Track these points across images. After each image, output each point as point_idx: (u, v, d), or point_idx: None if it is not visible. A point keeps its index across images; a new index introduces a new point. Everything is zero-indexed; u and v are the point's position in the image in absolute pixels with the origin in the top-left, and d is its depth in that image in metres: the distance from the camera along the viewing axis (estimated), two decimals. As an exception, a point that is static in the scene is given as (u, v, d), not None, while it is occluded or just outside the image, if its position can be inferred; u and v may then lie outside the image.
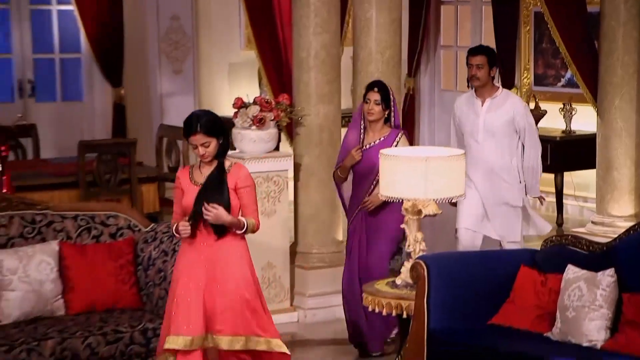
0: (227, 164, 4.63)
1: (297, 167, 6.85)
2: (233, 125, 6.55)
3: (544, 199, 6.49)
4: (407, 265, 5.29)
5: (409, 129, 10.47)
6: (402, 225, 5.43)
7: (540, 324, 4.80)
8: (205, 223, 4.55)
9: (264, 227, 6.32)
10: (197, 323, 4.52)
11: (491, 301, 4.98)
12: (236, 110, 6.61)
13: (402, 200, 5.30)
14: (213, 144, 4.56)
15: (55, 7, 10.03)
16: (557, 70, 9.97)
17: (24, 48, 9.91)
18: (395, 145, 5.57)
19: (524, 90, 10.21)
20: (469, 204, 6.24)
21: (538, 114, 9.74)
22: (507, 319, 4.90)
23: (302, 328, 6.67)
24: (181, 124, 8.94)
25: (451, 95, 11.01)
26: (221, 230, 4.57)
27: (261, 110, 6.51)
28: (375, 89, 5.64)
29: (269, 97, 6.95)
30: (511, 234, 6.31)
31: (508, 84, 10.22)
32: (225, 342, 4.54)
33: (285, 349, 4.67)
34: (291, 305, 6.78)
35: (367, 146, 5.68)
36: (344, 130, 7.60)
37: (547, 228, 6.48)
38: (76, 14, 9.81)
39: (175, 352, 4.53)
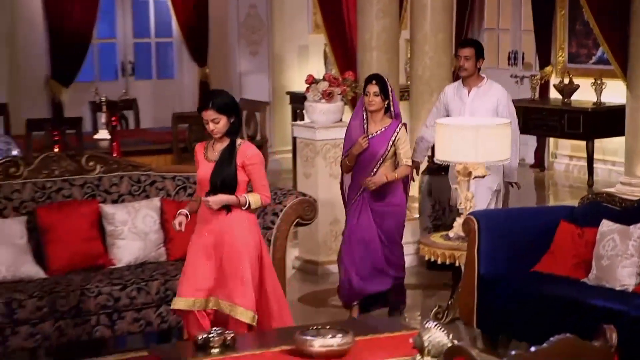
0: (238, 142, 4.31)
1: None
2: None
3: (519, 185, 6.14)
4: (459, 220, 5.28)
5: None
6: (454, 186, 5.41)
7: (577, 271, 4.75)
8: None
9: (332, 187, 6.36)
10: (201, 287, 4.26)
11: (533, 252, 4.93)
12: (308, 85, 6.61)
13: (404, 183, 5.36)
14: (223, 121, 4.24)
15: (152, -3, 10.15)
16: (589, 49, 9.78)
17: (126, 34, 10.01)
18: (396, 136, 5.34)
19: (559, 67, 10.05)
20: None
21: (571, 88, 9.58)
22: (548, 267, 4.86)
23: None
24: (258, 99, 9.13)
25: (492, 72, 10.86)
26: (228, 208, 4.30)
27: (330, 86, 6.51)
28: (374, 82, 5.36)
29: (336, 74, 6.94)
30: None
31: (544, 61, 10.07)
32: (226, 307, 4.25)
33: (250, 320, 4.25)
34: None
35: (371, 136, 5.39)
36: (405, 104, 7.59)
37: None
38: (169, 3, 9.88)
39: (182, 312, 4.31)
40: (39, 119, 7.54)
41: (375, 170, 5.35)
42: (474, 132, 5.04)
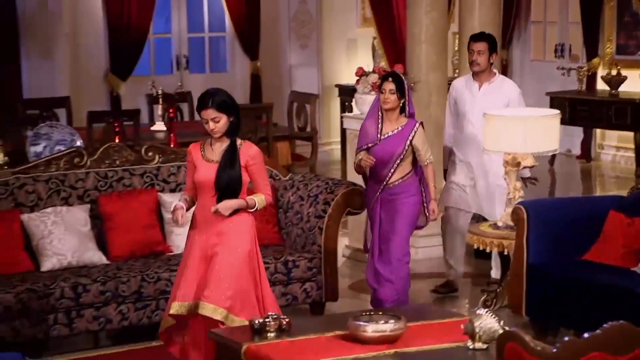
0: (238, 142, 4.16)
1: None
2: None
3: (537, 179, 5.82)
4: (508, 210, 5.27)
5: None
6: (503, 176, 5.39)
7: (627, 260, 4.70)
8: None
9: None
10: (190, 291, 4.10)
11: (582, 241, 4.90)
12: (358, 78, 6.63)
13: (419, 183, 5.10)
14: (223, 120, 4.07)
15: (206, -6, 10.24)
16: (638, 41, 9.63)
17: (181, 29, 10.12)
18: (413, 136, 5.06)
19: (606, 59, 9.91)
20: (458, 184, 5.79)
21: (619, 79, 9.44)
22: (597, 256, 4.82)
23: (413, 264, 6.67)
24: (307, 91, 9.19)
25: (540, 64, 10.77)
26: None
27: (379, 78, 6.52)
28: (390, 79, 5.06)
29: (385, 66, 6.94)
30: (497, 214, 5.67)
31: (592, 53, 9.94)
32: (208, 310, 4.05)
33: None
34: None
35: (386, 135, 5.08)
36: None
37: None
38: (222, -1, 10.00)
39: (176, 317, 4.16)
40: (99, 111, 7.69)
41: (392, 170, 5.07)
42: (522, 123, 5.03)
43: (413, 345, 3.69)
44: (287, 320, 3.90)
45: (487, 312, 3.64)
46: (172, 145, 6.60)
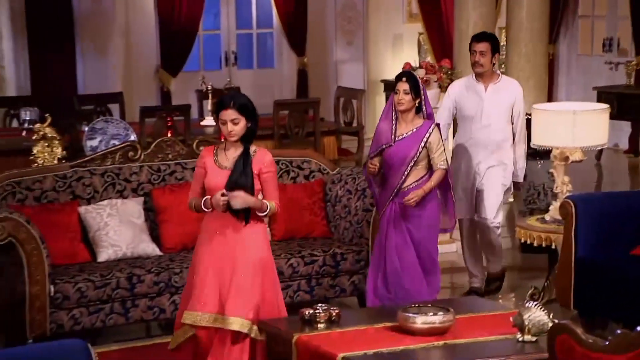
0: (252, 149, 4.00)
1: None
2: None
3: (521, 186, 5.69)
4: (556, 204, 5.23)
5: (549, 90, 10.18)
6: (551, 170, 5.33)
7: (678, 255, 4.64)
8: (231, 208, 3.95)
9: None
10: (211, 302, 3.94)
11: (631, 235, 4.83)
12: (405, 73, 6.61)
13: (440, 189, 4.74)
14: (242, 123, 3.92)
15: (254, -9, 10.31)
16: (688, 35, 9.44)
17: (230, 25, 10.20)
18: (428, 137, 4.73)
19: (655, 54, 9.74)
20: (464, 193, 5.51)
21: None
22: (646, 250, 4.76)
23: (460, 257, 6.66)
24: (353, 86, 9.18)
25: (587, 59, 10.62)
26: (247, 215, 3.97)
27: (426, 73, 6.51)
28: (404, 79, 4.74)
29: (432, 62, 6.93)
30: (498, 216, 5.52)
31: (640, 48, 9.78)
32: (236, 324, 3.91)
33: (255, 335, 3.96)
34: (450, 237, 6.78)
35: (400, 137, 4.77)
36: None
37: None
38: (270, -4, 10.04)
39: (194, 327, 3.99)
40: (151, 107, 7.78)
41: (406, 174, 4.75)
42: (571, 117, 4.98)
43: (462, 337, 3.68)
44: (337, 311, 3.92)
45: (536, 305, 3.62)
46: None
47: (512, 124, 5.52)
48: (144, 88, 9.43)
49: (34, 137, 5.69)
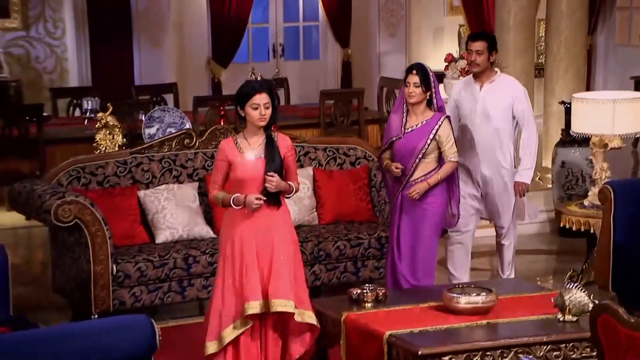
0: (273, 133, 3.93)
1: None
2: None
3: (526, 191, 5.05)
4: (594, 189, 5.18)
5: (587, 80, 10.04)
6: (589, 157, 5.28)
7: None
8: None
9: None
10: (257, 289, 3.81)
11: (669, 220, 4.77)
12: (447, 64, 6.59)
13: (445, 183, 4.52)
14: (271, 108, 3.83)
15: (301, -14, 10.34)
16: None
17: (277, 18, 10.24)
18: (437, 130, 4.55)
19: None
20: (466, 193, 5.03)
21: None
22: (684, 235, 4.69)
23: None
24: (396, 77, 9.16)
25: (624, 49, 10.44)
26: (277, 199, 3.88)
27: (467, 64, 6.45)
28: (414, 72, 4.55)
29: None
30: (505, 220, 5.09)
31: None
32: (279, 305, 3.79)
33: (315, 321, 3.86)
34: (490, 222, 6.73)
35: (410, 129, 4.60)
36: (537, 80, 7.42)
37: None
38: (316, -10, 10.06)
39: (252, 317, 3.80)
40: (204, 97, 7.87)
41: (414, 166, 4.58)
42: (610, 105, 4.93)
43: (504, 317, 3.68)
44: (383, 291, 3.94)
45: (576, 286, 3.60)
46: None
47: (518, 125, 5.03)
48: (196, 79, 9.53)
49: (96, 126, 5.79)
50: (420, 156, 4.57)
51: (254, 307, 3.78)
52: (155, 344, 2.96)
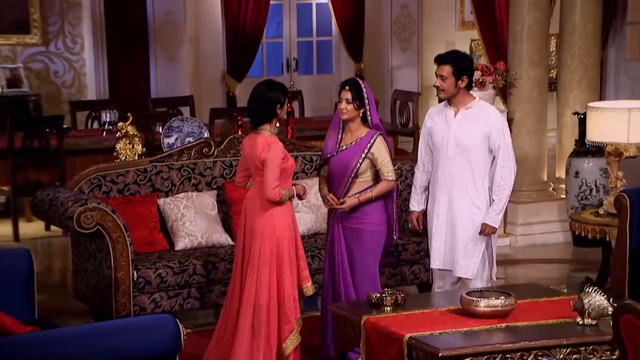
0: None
1: (509, 121, 6.75)
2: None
3: (491, 234, 4.42)
4: (610, 198, 5.18)
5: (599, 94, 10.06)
6: (604, 166, 5.27)
7: None
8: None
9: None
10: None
11: (684, 228, 4.76)
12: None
13: (383, 202, 4.31)
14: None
15: (314, 1, 10.37)
16: None
17: (291, 33, 10.30)
18: (370, 147, 4.32)
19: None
20: (437, 241, 4.49)
21: None
22: (700, 242, 4.68)
23: (513, 250, 6.65)
24: (408, 90, 9.19)
25: (636, 64, 10.44)
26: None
27: (482, 75, 6.49)
28: (347, 87, 4.32)
29: (486, 63, 6.90)
30: (472, 270, 4.41)
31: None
32: (310, 289, 4.33)
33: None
34: (504, 232, 6.75)
35: (344, 147, 4.37)
36: (549, 94, 7.44)
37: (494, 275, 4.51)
38: (330, 6, 10.09)
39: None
40: (220, 108, 7.92)
41: (348, 185, 4.36)
42: (626, 114, 4.93)
43: (523, 320, 3.68)
44: (402, 295, 3.94)
45: (595, 289, 3.60)
46: (289, 136, 6.75)
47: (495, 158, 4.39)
48: (212, 92, 9.58)
49: (117, 135, 5.84)
50: (352, 175, 4.34)
51: (310, 288, 4.31)
52: (180, 343, 2.97)
